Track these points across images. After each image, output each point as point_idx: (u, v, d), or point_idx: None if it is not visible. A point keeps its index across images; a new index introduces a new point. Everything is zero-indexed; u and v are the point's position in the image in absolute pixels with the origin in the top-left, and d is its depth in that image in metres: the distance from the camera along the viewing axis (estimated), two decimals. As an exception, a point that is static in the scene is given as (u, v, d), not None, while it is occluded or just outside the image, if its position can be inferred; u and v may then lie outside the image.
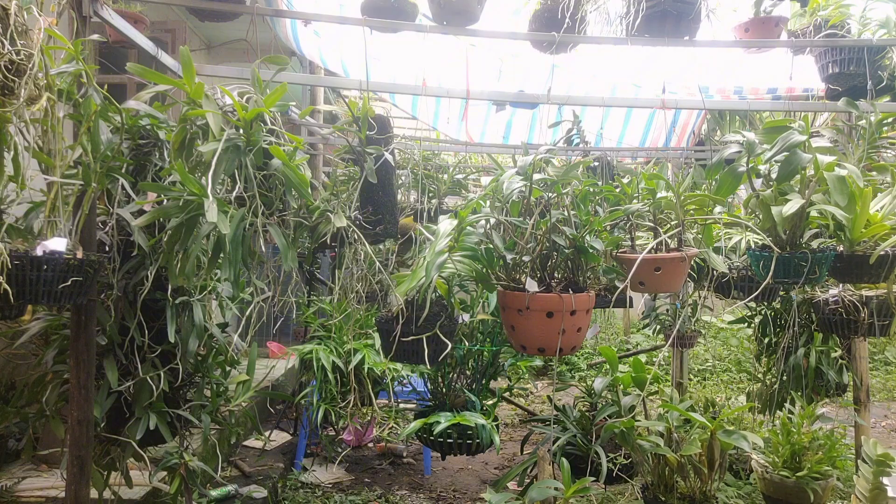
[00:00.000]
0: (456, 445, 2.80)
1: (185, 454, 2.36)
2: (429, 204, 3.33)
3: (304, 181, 1.96)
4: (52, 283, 1.63)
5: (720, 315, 6.31)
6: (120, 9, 2.43)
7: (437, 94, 3.54)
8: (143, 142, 2.11)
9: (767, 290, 2.74)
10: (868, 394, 3.62)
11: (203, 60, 5.41)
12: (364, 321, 3.67)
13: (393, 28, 2.65)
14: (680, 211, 2.23)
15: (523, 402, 5.80)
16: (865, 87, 2.69)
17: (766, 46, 3.13)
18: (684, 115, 4.93)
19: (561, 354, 1.96)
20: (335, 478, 4.03)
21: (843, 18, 2.89)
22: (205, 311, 2.28)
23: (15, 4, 1.53)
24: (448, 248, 2.01)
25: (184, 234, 1.81)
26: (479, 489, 4.04)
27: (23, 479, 2.78)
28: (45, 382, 2.14)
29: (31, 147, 1.73)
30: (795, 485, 2.64)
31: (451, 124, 4.84)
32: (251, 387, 2.57)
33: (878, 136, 2.47)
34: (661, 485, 2.54)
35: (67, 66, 1.74)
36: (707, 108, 3.73)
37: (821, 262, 2.14)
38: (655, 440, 2.47)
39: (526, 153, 2.04)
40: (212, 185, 1.67)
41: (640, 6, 2.55)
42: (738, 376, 6.45)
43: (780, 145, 2.08)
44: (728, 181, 2.24)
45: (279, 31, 3.90)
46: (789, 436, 2.77)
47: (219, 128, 1.78)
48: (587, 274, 2.09)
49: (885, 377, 6.82)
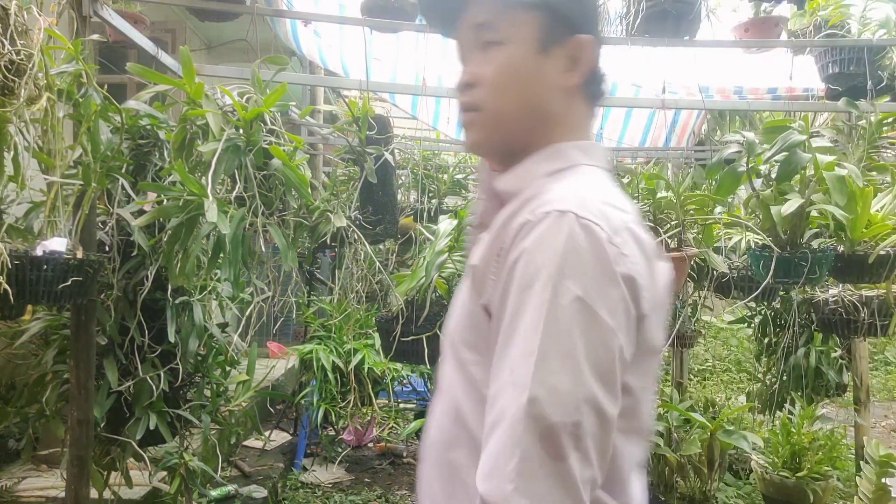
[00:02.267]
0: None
1: (185, 454, 2.36)
2: (429, 204, 3.33)
3: (304, 181, 1.96)
4: (52, 283, 1.63)
5: (720, 315, 6.31)
6: (120, 9, 2.43)
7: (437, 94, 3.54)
8: (143, 142, 2.11)
9: (767, 290, 2.74)
10: (868, 394, 3.62)
11: (203, 60, 5.41)
12: (364, 321, 3.67)
13: (393, 28, 2.65)
14: (680, 211, 2.23)
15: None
16: (865, 87, 2.68)
17: (766, 46, 3.12)
18: (684, 115, 4.93)
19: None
20: (335, 478, 4.03)
21: (843, 18, 2.89)
22: (205, 311, 2.28)
23: (15, 4, 1.53)
24: (448, 248, 2.02)
25: (184, 234, 1.81)
26: (479, 489, 4.04)
27: (23, 479, 2.78)
28: (45, 382, 2.14)
29: (31, 147, 1.72)
30: (795, 485, 2.64)
31: (451, 124, 4.84)
32: (251, 387, 2.57)
33: (878, 136, 2.47)
34: (662, 484, 2.55)
35: (67, 66, 1.74)
36: (707, 108, 3.73)
37: (821, 261, 2.14)
38: (655, 440, 2.47)
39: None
40: (212, 185, 1.67)
41: (640, 6, 2.55)
42: (738, 376, 6.45)
43: (779, 145, 2.08)
44: (727, 181, 2.24)
45: (279, 31, 3.90)
46: (789, 436, 2.77)
47: (219, 128, 1.78)
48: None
49: (885, 377, 6.82)
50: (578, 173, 0.87)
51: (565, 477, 0.69)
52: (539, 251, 0.75)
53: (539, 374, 0.70)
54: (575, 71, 0.89)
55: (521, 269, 0.75)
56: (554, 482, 0.68)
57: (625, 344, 0.75)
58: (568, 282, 0.72)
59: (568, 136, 0.90)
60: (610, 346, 0.73)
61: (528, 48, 0.87)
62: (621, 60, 2.77)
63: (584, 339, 0.72)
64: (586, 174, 0.88)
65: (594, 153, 0.92)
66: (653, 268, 0.81)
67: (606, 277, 0.74)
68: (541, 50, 0.88)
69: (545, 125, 0.90)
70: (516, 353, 0.73)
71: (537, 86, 0.88)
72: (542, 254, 0.74)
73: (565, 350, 0.71)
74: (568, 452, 0.69)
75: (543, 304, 0.72)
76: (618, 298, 0.74)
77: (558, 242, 0.74)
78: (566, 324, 0.72)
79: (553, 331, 0.71)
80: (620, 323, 0.74)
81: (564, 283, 0.72)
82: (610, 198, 0.82)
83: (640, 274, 0.77)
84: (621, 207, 0.82)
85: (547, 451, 0.69)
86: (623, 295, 0.74)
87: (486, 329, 0.81)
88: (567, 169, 0.88)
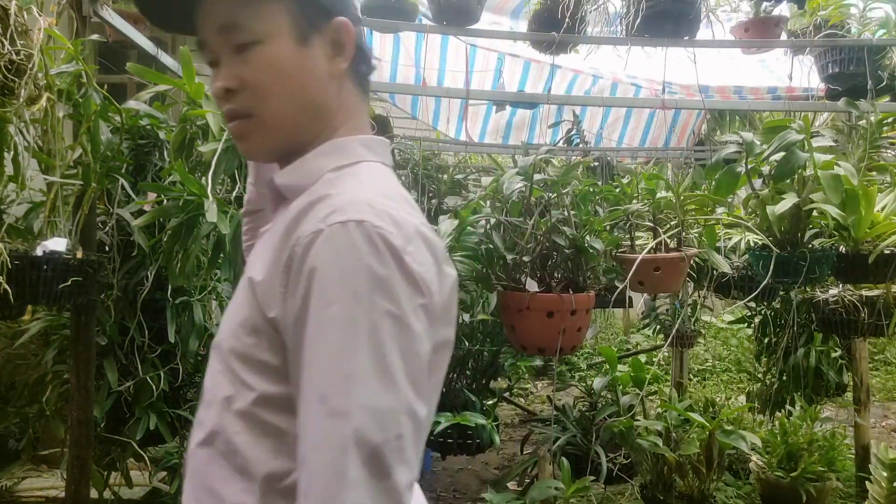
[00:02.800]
0: (456, 445, 2.80)
1: (185, 454, 2.35)
2: (429, 204, 3.33)
3: (303, 181, 1.95)
4: (52, 284, 1.63)
5: (720, 315, 6.31)
6: (120, 9, 2.43)
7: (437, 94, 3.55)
8: (142, 142, 2.11)
9: (767, 289, 2.74)
10: (868, 394, 3.62)
11: (203, 60, 5.41)
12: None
13: (393, 28, 2.65)
14: (679, 211, 2.23)
15: (523, 402, 5.80)
16: (865, 87, 2.68)
17: (766, 46, 3.13)
18: (684, 115, 4.93)
19: (561, 354, 1.96)
20: (335, 478, 4.03)
21: (843, 18, 2.89)
22: (205, 311, 2.28)
23: (15, 4, 1.53)
24: (448, 248, 2.02)
25: (184, 234, 1.81)
26: (479, 489, 4.04)
27: (23, 479, 2.78)
28: (45, 382, 2.14)
29: (31, 147, 1.73)
30: (789, 485, 2.64)
31: (451, 124, 4.84)
32: (251, 387, 2.56)
33: (878, 136, 2.47)
34: (660, 484, 2.55)
35: (67, 66, 1.74)
36: (707, 108, 3.73)
37: (820, 261, 2.13)
38: (654, 440, 2.47)
39: (526, 153, 2.04)
40: (212, 185, 1.67)
41: (640, 6, 2.55)
42: (738, 376, 6.44)
43: (776, 144, 2.08)
44: (727, 181, 2.24)
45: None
46: (786, 436, 2.77)
47: (219, 128, 1.78)
48: (587, 274, 2.09)
49: (885, 377, 6.82)
50: (364, 171, 0.86)
51: (392, 491, 0.70)
52: (337, 265, 0.73)
53: (359, 397, 0.69)
54: (341, 56, 0.86)
55: (319, 286, 0.72)
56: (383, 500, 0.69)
57: (429, 347, 0.77)
58: (374, 296, 0.71)
59: (348, 126, 0.89)
60: (419, 352, 0.74)
61: (286, 42, 0.83)
62: (621, 60, 2.77)
63: (398, 352, 0.72)
64: (372, 173, 0.86)
65: (378, 148, 0.90)
66: (441, 270, 0.81)
67: (408, 287, 0.74)
68: (300, 41, 0.84)
69: (322, 119, 0.87)
70: (327, 377, 0.71)
71: (306, 80, 0.85)
72: (341, 268, 0.72)
73: (382, 367, 0.71)
74: (393, 468, 0.70)
75: (352, 323, 0.71)
76: (419, 305, 0.75)
77: (357, 256, 0.72)
78: (379, 340, 0.71)
79: (367, 349, 0.70)
80: (426, 327, 0.75)
81: (370, 298, 0.71)
82: (399, 201, 0.82)
83: (433, 280, 0.78)
84: (410, 211, 0.82)
85: (372, 473, 0.69)
86: (424, 302, 0.75)
87: (275, 344, 0.78)
88: (351, 166, 0.86)
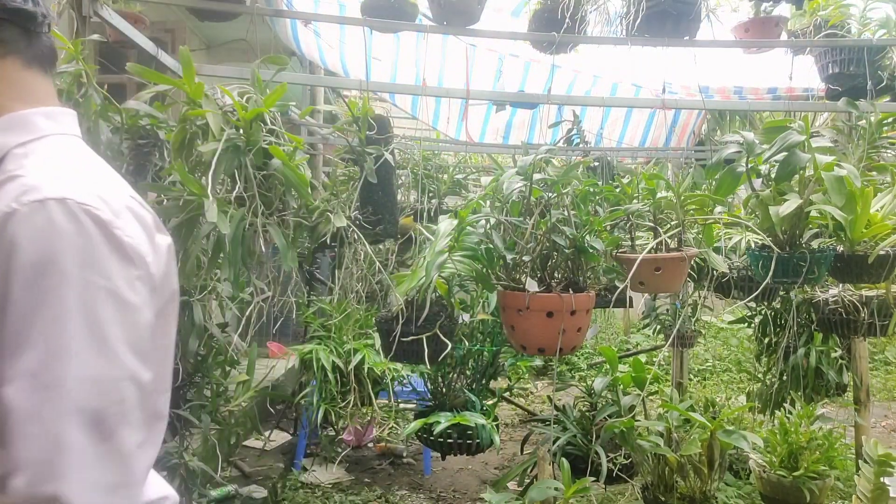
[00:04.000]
0: (456, 445, 2.80)
1: (184, 454, 2.36)
2: (429, 204, 3.33)
3: (303, 181, 1.96)
4: (51, 283, 1.63)
5: (720, 315, 6.31)
6: (120, 9, 2.43)
7: (437, 94, 3.55)
8: (142, 142, 2.11)
9: (767, 290, 2.74)
10: (868, 394, 3.62)
11: (203, 60, 5.41)
12: (364, 321, 3.66)
13: (393, 28, 2.65)
14: (680, 211, 2.23)
15: (523, 402, 5.79)
16: (865, 87, 2.68)
17: (766, 46, 3.13)
18: (684, 115, 4.93)
19: (561, 354, 1.96)
20: (335, 478, 4.03)
21: (843, 18, 2.89)
22: (205, 311, 2.28)
23: (15, 4, 1.52)
24: (448, 248, 2.01)
25: (184, 234, 1.81)
26: (479, 489, 4.04)
27: (23, 478, 2.78)
28: (45, 382, 2.14)
29: (31, 147, 1.72)
30: (792, 484, 2.64)
31: (451, 124, 4.84)
32: (251, 387, 2.57)
33: (878, 136, 2.47)
34: (661, 485, 2.54)
35: (67, 66, 1.74)
36: (707, 108, 3.74)
37: (819, 261, 2.13)
38: (655, 440, 2.47)
39: (526, 153, 2.04)
40: (212, 185, 1.67)
41: (640, 6, 2.55)
42: (738, 376, 6.45)
43: (778, 145, 2.08)
44: (727, 181, 2.23)
45: (279, 31, 3.90)
46: (787, 435, 2.77)
47: (219, 128, 1.78)
48: (587, 274, 2.09)
49: (885, 377, 6.82)
50: (53, 146, 0.85)
51: (115, 452, 0.74)
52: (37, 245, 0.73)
53: (72, 369, 0.72)
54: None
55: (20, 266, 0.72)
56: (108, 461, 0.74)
57: (149, 315, 0.82)
58: (84, 273, 0.74)
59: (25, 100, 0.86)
60: (139, 322, 0.79)
61: None
62: (621, 61, 2.77)
63: (115, 324, 0.76)
64: (63, 147, 0.86)
65: (63, 119, 0.89)
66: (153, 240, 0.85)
67: (120, 261, 0.77)
68: None
69: None
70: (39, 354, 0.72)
71: None
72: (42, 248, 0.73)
73: (98, 339, 0.74)
74: (115, 430, 0.75)
75: (62, 301, 0.73)
76: (135, 277, 0.79)
77: (66, 234, 0.74)
78: (93, 313, 0.74)
79: (80, 324, 0.73)
80: (145, 298, 0.80)
81: (81, 274, 0.74)
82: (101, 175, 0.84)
83: (147, 251, 0.82)
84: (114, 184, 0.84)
85: (92, 438, 0.72)
86: (139, 273, 0.79)
87: None
88: (38, 140, 0.85)
